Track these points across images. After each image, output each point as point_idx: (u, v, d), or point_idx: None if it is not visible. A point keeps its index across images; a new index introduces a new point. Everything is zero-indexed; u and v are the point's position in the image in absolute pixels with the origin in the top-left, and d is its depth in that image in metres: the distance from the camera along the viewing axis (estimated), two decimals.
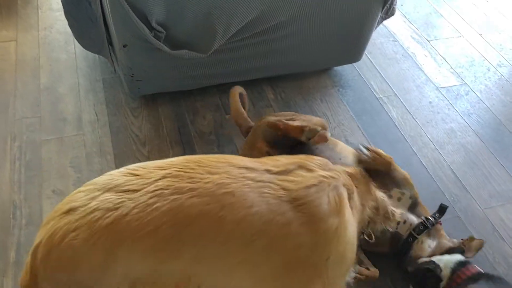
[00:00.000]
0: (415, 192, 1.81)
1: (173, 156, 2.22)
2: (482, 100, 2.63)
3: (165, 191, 1.11)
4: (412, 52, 2.92)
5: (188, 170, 1.17)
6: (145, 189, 1.12)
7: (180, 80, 2.33)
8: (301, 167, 1.27)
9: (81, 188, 1.18)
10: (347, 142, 2.27)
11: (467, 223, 2.03)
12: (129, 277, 1.09)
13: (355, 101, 2.57)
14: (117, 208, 1.09)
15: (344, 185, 1.32)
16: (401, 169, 1.81)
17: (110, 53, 2.33)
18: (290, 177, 1.22)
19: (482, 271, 1.62)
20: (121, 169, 1.22)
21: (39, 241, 1.11)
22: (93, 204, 1.10)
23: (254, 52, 2.32)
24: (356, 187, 1.40)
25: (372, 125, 2.44)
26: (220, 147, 2.28)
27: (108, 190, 1.13)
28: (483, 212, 2.09)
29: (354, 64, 2.73)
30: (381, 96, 2.61)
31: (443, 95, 2.64)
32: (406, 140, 2.38)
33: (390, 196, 1.70)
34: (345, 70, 2.73)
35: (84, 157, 2.18)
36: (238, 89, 2.04)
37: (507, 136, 2.43)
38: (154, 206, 1.09)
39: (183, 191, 1.11)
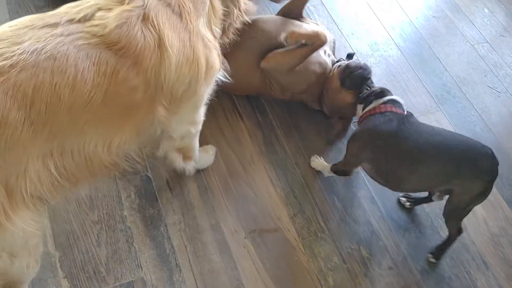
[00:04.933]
0: None
1: None
2: (406, 14, 2.63)
3: None
4: None
5: None
6: None
7: None
8: (100, 9, 1.21)
9: None
10: None
11: None
12: None
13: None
14: None
15: (161, 6, 1.25)
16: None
17: None
18: (94, 21, 1.18)
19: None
20: None
21: None
22: None
23: None
24: None
25: None
26: None
27: None
28: None
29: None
30: (307, 4, 2.53)
31: (369, 6, 2.61)
32: None
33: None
34: None
35: None
36: None
37: (427, 50, 2.49)
38: None
39: (5, 70, 1.04)
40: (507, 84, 2.40)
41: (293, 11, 2.08)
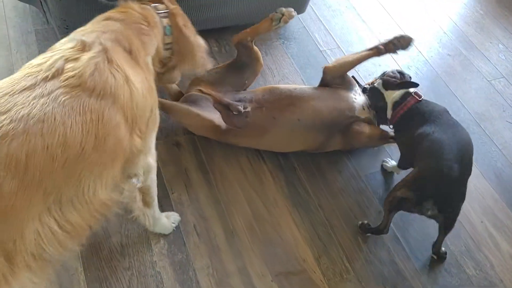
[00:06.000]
0: None
1: None
2: (421, 53, 2.70)
3: None
4: (355, 4, 2.92)
5: None
6: None
7: None
8: (67, 60, 1.26)
9: None
10: None
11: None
12: None
13: (299, 54, 2.57)
14: None
15: (115, 46, 1.36)
16: None
17: (41, 3, 2.18)
18: (68, 74, 1.22)
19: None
20: None
21: None
22: None
23: (197, 4, 2.24)
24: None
25: (316, 78, 2.43)
26: None
27: None
28: None
29: (298, 16, 2.71)
30: (324, 48, 2.63)
31: None
32: None
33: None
34: (290, 22, 2.70)
35: None
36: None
37: (443, 87, 2.54)
38: None
39: None
40: None
41: (335, 80, 2.11)
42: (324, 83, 2.12)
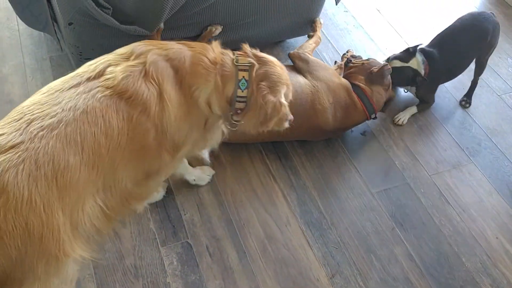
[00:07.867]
0: None
1: None
2: None
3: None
4: (362, 23, 2.95)
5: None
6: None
7: None
8: (110, 65, 1.42)
9: None
10: None
11: (416, 189, 2.13)
12: None
13: None
14: None
15: (160, 61, 1.45)
16: None
17: (55, 31, 2.24)
18: (106, 76, 1.39)
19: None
20: None
21: None
22: None
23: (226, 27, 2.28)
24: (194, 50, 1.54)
25: None
26: None
27: None
28: (431, 178, 2.19)
29: (307, 36, 2.74)
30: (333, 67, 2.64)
31: None
32: None
33: None
34: (298, 42, 2.74)
35: None
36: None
37: (453, 103, 2.53)
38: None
39: (55, 126, 1.27)
40: None
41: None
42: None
